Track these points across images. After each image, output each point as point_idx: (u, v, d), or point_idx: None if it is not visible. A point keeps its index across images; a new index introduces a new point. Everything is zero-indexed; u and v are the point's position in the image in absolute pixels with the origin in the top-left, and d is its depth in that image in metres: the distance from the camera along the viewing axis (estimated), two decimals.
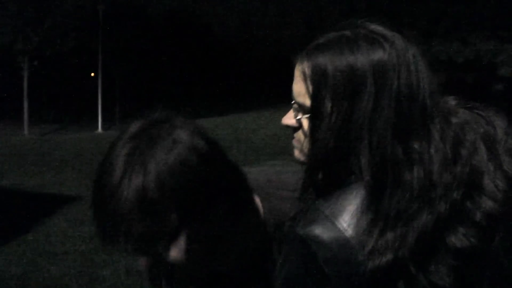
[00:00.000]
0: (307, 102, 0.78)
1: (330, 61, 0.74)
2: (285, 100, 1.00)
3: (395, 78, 0.73)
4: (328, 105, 0.74)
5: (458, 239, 0.73)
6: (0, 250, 4.94)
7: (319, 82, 0.75)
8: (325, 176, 0.79)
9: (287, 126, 0.84)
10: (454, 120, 0.77)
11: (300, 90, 0.79)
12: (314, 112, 0.77)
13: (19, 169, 9.78)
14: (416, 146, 0.72)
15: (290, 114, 0.84)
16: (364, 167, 0.73)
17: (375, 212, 0.72)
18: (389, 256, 0.70)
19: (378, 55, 0.74)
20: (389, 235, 0.71)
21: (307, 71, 0.77)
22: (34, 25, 19.61)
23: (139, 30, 27.30)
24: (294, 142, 0.86)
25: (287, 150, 1.03)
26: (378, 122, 0.72)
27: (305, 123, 0.80)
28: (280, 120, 0.87)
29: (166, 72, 28.43)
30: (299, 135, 0.83)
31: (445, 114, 0.77)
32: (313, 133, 0.77)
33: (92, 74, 26.33)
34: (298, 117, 0.81)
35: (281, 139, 12.26)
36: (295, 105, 0.82)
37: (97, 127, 19.76)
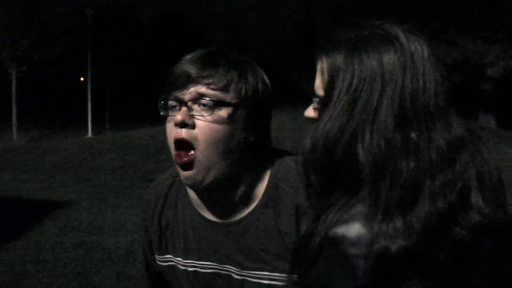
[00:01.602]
0: (321, 93, 0.88)
1: (344, 58, 0.85)
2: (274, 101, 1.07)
3: (400, 78, 0.81)
4: (336, 95, 0.84)
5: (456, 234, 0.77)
6: None
7: (332, 76, 0.85)
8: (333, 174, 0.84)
9: (309, 119, 0.93)
10: (456, 128, 0.83)
11: (318, 84, 0.89)
12: (324, 101, 0.87)
13: (8, 176, 9.68)
14: (413, 135, 0.79)
15: (311, 107, 0.93)
16: (365, 151, 0.80)
17: (377, 199, 0.78)
18: (399, 243, 0.75)
19: (389, 55, 0.83)
20: (397, 222, 0.76)
21: (324, 66, 0.87)
22: (23, 30, 19.44)
23: (128, 34, 27.20)
24: None
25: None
26: (381, 113, 0.80)
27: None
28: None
29: (156, 76, 28.38)
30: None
31: (449, 120, 0.83)
32: (321, 120, 0.86)
33: (82, 79, 26.18)
34: (315, 108, 0.91)
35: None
36: (315, 98, 0.91)
37: (87, 132, 19.62)
